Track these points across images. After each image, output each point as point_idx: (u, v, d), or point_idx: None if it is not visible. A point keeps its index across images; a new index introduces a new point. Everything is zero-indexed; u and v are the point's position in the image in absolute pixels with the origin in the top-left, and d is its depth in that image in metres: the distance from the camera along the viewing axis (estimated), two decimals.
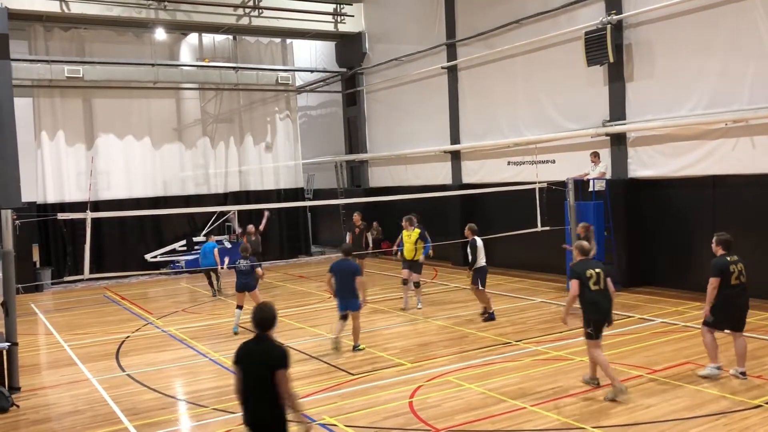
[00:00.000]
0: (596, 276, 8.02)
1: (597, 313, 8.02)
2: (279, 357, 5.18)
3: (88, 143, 21.42)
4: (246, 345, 5.34)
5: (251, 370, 5.19)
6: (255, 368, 5.17)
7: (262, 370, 5.12)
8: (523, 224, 14.84)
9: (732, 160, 13.15)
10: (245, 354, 5.28)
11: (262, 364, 5.15)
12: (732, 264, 8.39)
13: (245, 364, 5.23)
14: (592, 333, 8.05)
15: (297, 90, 25.84)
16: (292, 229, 24.95)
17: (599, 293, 8.02)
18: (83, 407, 8.65)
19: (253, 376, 5.17)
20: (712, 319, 8.45)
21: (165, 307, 15.78)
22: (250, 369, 5.20)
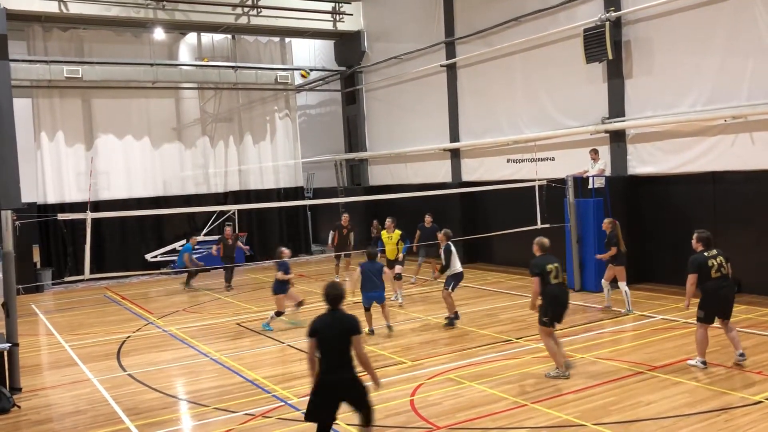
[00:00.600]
0: (555, 270, 8.71)
1: (556, 305, 8.71)
2: (355, 324, 6.05)
3: (87, 143, 21.41)
4: (321, 318, 6.09)
5: (331, 338, 5.97)
6: (335, 336, 5.97)
7: (341, 337, 5.96)
8: (522, 222, 14.86)
9: (731, 156, 13.16)
10: (323, 325, 6.03)
11: (341, 331, 5.97)
12: (710, 258, 8.67)
13: (325, 334, 5.98)
14: (546, 322, 8.72)
15: (296, 89, 25.83)
16: (292, 228, 24.96)
17: (558, 286, 8.73)
18: (85, 407, 8.66)
19: (334, 343, 5.96)
20: (703, 314, 8.70)
21: (166, 306, 15.79)
22: (330, 337, 5.97)
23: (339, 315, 6.09)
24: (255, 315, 14.18)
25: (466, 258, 19.21)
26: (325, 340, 5.97)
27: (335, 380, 5.96)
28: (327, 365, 5.95)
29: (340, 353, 5.96)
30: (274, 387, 9.00)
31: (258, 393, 8.82)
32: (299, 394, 8.63)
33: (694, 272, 8.63)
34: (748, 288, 13.16)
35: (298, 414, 7.90)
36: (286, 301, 12.58)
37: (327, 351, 5.97)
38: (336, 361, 5.95)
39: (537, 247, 8.99)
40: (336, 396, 5.99)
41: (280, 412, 8.02)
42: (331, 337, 5.97)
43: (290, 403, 8.30)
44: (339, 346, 5.97)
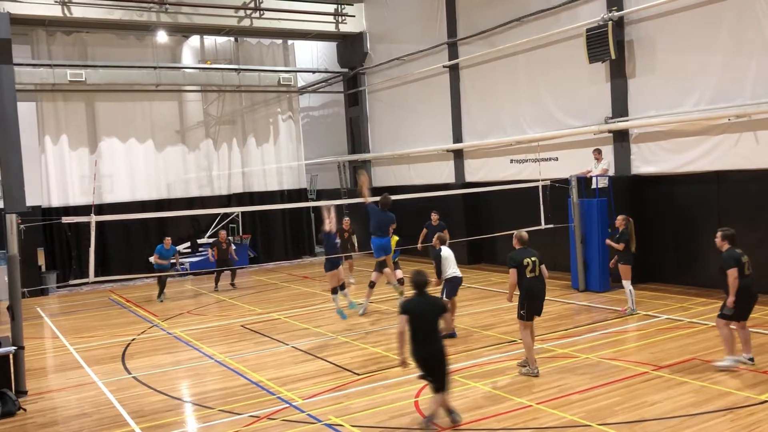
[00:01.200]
0: (532, 264, 8.86)
1: (531, 298, 8.88)
2: (442, 305, 7.55)
3: (91, 147, 21.47)
4: (412, 300, 7.28)
5: (423, 317, 7.10)
6: (426, 315, 7.12)
7: (432, 316, 7.14)
8: (526, 222, 14.79)
9: (735, 155, 13.13)
10: (415, 306, 7.18)
11: (431, 311, 7.17)
12: (743, 256, 8.59)
13: (417, 313, 7.09)
14: (523, 315, 8.94)
15: (299, 91, 25.86)
16: (295, 229, 25.00)
17: (534, 280, 8.86)
18: (90, 410, 8.68)
19: (426, 321, 7.10)
20: (732, 311, 8.53)
21: (170, 309, 15.81)
22: (422, 316, 7.09)
23: (427, 297, 7.29)
24: (259, 317, 14.19)
25: (470, 259, 19.23)
26: (419, 319, 7.06)
27: (428, 353, 7.08)
28: (420, 341, 7.07)
29: (431, 329, 7.11)
30: (279, 389, 9.00)
31: (263, 395, 8.83)
32: (304, 395, 8.64)
33: (735, 266, 8.42)
34: None
35: (303, 416, 7.92)
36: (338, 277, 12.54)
37: (419, 328, 7.07)
38: (428, 335, 7.09)
39: (516, 241, 9.16)
40: (429, 363, 7.10)
41: (284, 414, 8.02)
42: (424, 316, 7.08)
43: (295, 405, 8.30)
44: (431, 323, 7.12)
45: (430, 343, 7.11)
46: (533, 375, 8.85)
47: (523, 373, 8.95)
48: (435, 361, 7.11)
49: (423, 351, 7.08)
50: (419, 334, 7.09)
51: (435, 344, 7.14)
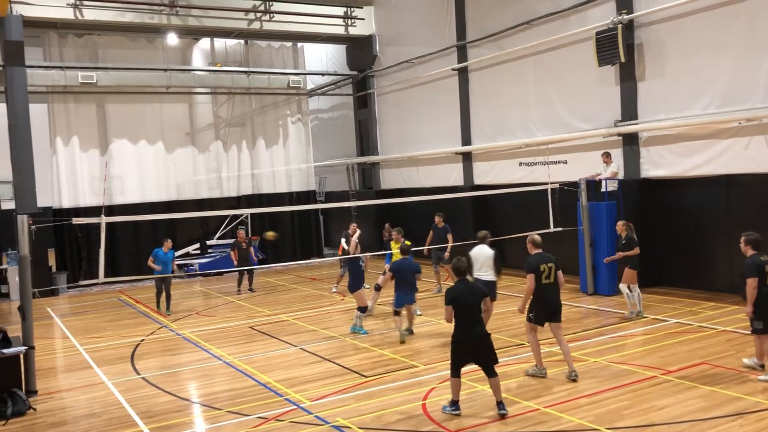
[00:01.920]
0: (548, 270, 8.81)
1: (543, 303, 8.86)
2: (483, 290, 7.97)
3: (102, 148, 21.60)
4: (456, 287, 7.74)
5: (468, 301, 7.60)
6: (470, 299, 7.62)
7: (475, 300, 7.63)
8: (535, 225, 14.78)
9: (745, 159, 13.05)
10: (459, 292, 7.67)
11: (475, 295, 7.67)
12: (766, 264, 8.36)
13: (462, 299, 7.60)
14: (532, 318, 8.97)
15: (308, 93, 25.93)
16: (304, 231, 25.04)
17: (549, 286, 8.82)
18: (99, 410, 8.73)
19: (470, 305, 7.59)
20: (763, 325, 8.32)
21: (179, 310, 15.87)
22: (467, 301, 7.60)
23: (469, 284, 7.89)
24: (268, 318, 14.23)
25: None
26: (464, 304, 7.57)
27: (474, 334, 7.58)
28: (466, 324, 7.57)
29: (475, 312, 7.60)
30: (287, 390, 9.03)
31: (271, 396, 8.85)
32: (312, 397, 8.66)
33: (755, 276, 8.24)
34: None
35: (311, 417, 7.94)
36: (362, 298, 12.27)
37: (465, 312, 7.57)
38: (473, 318, 7.57)
39: (531, 245, 9.11)
40: (473, 348, 7.59)
41: (292, 416, 8.04)
42: (469, 301, 7.59)
43: (303, 407, 8.32)
44: (475, 307, 7.60)
45: (474, 327, 7.60)
46: (541, 375, 8.91)
47: (529, 373, 9.04)
48: (482, 343, 7.60)
49: (469, 335, 7.57)
50: (464, 318, 7.58)
51: (479, 327, 7.64)
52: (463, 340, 7.61)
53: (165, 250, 15.39)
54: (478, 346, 7.60)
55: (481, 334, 7.62)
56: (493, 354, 7.68)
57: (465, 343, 7.60)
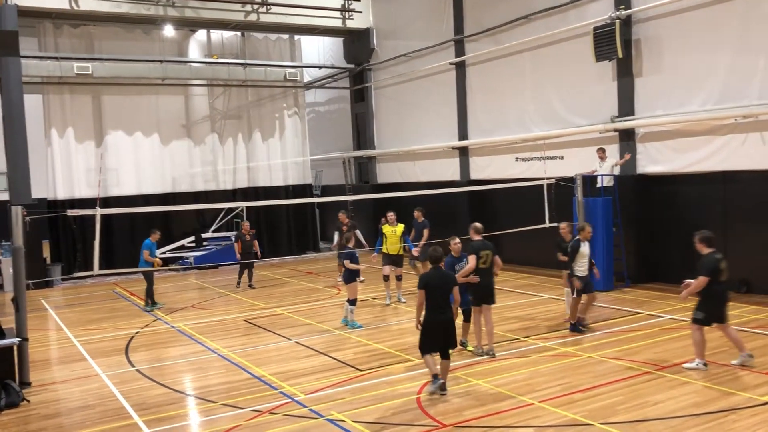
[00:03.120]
0: (486, 256, 9.82)
1: (479, 287, 9.79)
2: (454, 278, 8.59)
3: (97, 140, 21.52)
4: (429, 274, 8.34)
5: (438, 288, 8.16)
6: (441, 287, 8.18)
7: (445, 288, 8.22)
8: (531, 220, 14.80)
9: (742, 155, 13.08)
10: (432, 278, 8.24)
11: (445, 283, 8.25)
12: (721, 261, 8.67)
13: (433, 285, 8.15)
14: (471, 300, 9.90)
15: (305, 86, 25.86)
16: (300, 225, 25.00)
17: (484, 271, 9.79)
18: (93, 402, 8.71)
19: (441, 292, 8.17)
20: (703, 316, 8.69)
21: (174, 302, 15.85)
22: (437, 287, 8.15)
23: (441, 271, 8.36)
24: (263, 312, 14.22)
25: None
26: (435, 290, 8.12)
27: (443, 319, 8.13)
28: (436, 309, 8.11)
29: (445, 299, 8.17)
30: (282, 383, 9.02)
31: (265, 389, 8.85)
32: (306, 390, 8.66)
33: (708, 275, 8.55)
34: (758, 288, 13.11)
35: (305, 411, 7.93)
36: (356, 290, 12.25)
37: (436, 299, 8.12)
38: (443, 305, 8.15)
39: (473, 232, 10.11)
40: (440, 331, 8.13)
41: (287, 409, 8.04)
42: (439, 287, 8.14)
43: (297, 400, 8.32)
44: (445, 294, 8.18)
45: (443, 312, 8.14)
46: (478, 354, 9.78)
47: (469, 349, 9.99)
48: (449, 328, 8.20)
49: (438, 319, 8.12)
50: (435, 304, 8.12)
51: (447, 313, 8.20)
52: (433, 323, 8.14)
53: (153, 240, 15.08)
54: (446, 330, 8.19)
55: (449, 319, 8.21)
56: (454, 339, 8.38)
57: (435, 327, 8.14)
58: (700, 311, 8.70)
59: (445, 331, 8.20)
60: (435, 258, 8.41)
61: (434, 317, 8.15)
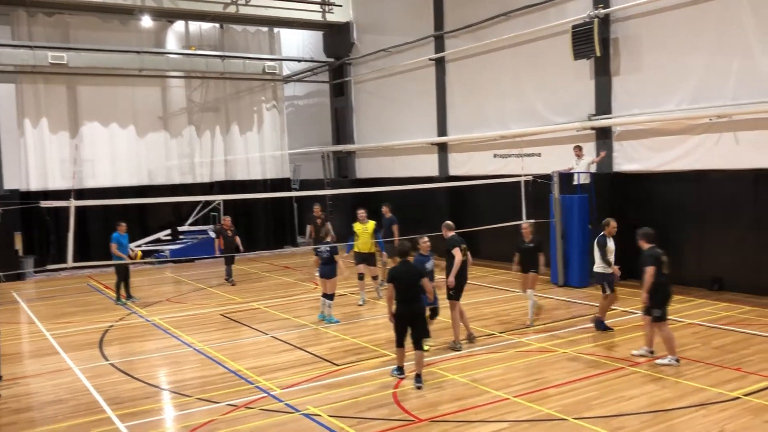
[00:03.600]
0: (464, 250, 10.07)
1: (461, 279, 10.06)
2: (421, 271, 8.71)
3: (72, 131, 21.21)
4: (397, 267, 8.55)
5: (406, 281, 8.35)
6: (408, 279, 8.36)
7: (413, 280, 8.37)
8: (508, 217, 14.90)
9: (715, 155, 13.27)
10: (399, 272, 8.47)
11: (412, 276, 8.40)
12: (662, 255, 9.01)
13: (400, 278, 8.38)
14: (453, 294, 10.09)
15: (284, 79, 25.72)
16: (278, 219, 24.91)
17: (465, 264, 10.08)
18: (65, 396, 8.61)
19: (408, 284, 8.35)
20: (661, 312, 8.92)
21: (149, 296, 15.70)
22: (404, 280, 8.35)
23: (408, 265, 8.57)
24: (239, 306, 14.15)
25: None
26: (403, 282, 8.34)
27: (410, 311, 8.38)
28: (403, 301, 8.35)
29: (413, 291, 8.38)
30: (258, 378, 8.99)
31: (241, 384, 8.81)
32: (282, 385, 8.63)
33: (654, 264, 8.86)
34: (730, 286, 13.32)
35: (281, 405, 7.91)
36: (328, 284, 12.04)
37: (403, 291, 8.34)
38: (410, 297, 8.35)
39: (446, 229, 10.36)
40: (411, 322, 8.39)
41: (262, 403, 8.01)
42: (407, 280, 8.34)
43: (273, 394, 8.29)
44: (412, 286, 8.36)
45: (413, 303, 8.40)
46: (457, 350, 9.89)
47: (449, 346, 10.02)
48: (419, 318, 8.47)
49: (408, 310, 8.38)
50: (402, 296, 8.36)
51: (417, 304, 8.47)
52: (404, 314, 8.41)
53: (122, 233, 14.77)
54: (415, 321, 8.44)
55: (418, 311, 8.49)
56: (425, 329, 8.63)
57: (405, 318, 8.42)
58: (656, 308, 8.92)
59: (414, 322, 8.42)
60: (402, 252, 8.68)
61: (404, 309, 8.39)
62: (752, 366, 8.68)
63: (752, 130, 12.60)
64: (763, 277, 12.73)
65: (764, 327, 10.55)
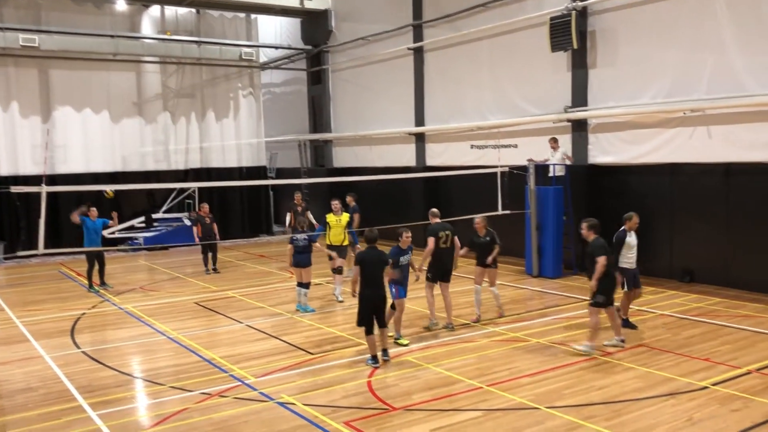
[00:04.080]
0: (446, 237, 10.30)
1: (440, 265, 10.39)
2: (386, 257, 8.99)
3: (44, 115, 20.84)
4: (365, 252, 8.91)
5: (372, 266, 8.75)
6: (374, 264, 8.77)
7: (379, 265, 8.79)
8: (484, 207, 14.94)
9: (689, 148, 13.44)
10: (367, 256, 8.82)
11: (378, 262, 8.81)
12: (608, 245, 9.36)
13: (368, 263, 8.74)
14: (430, 277, 10.48)
15: (261, 66, 25.50)
16: (253, 207, 24.77)
17: (445, 251, 10.34)
18: (36, 384, 8.50)
19: (374, 269, 8.74)
20: (604, 299, 9.14)
21: (123, 284, 15.54)
22: (371, 265, 8.74)
23: (375, 251, 8.89)
24: (214, 294, 14.06)
25: None
26: (369, 267, 8.71)
27: (374, 296, 8.74)
28: (368, 285, 8.71)
29: (378, 277, 8.76)
30: (232, 366, 8.95)
31: (215, 372, 8.77)
32: (257, 374, 8.61)
33: (605, 254, 9.05)
34: (701, 278, 13.54)
35: (255, 394, 7.90)
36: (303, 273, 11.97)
37: (369, 276, 8.71)
38: (375, 282, 8.73)
39: (431, 216, 10.68)
40: (373, 305, 8.74)
41: (236, 392, 7.99)
42: (373, 265, 8.73)
43: (247, 383, 8.27)
44: (377, 271, 8.75)
45: (377, 288, 8.76)
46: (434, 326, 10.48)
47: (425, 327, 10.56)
48: (382, 302, 8.84)
49: (373, 294, 8.73)
50: (368, 280, 8.71)
51: (381, 289, 8.80)
52: (369, 298, 8.73)
53: (93, 218, 14.51)
54: (379, 305, 8.82)
55: (382, 295, 8.84)
56: (383, 315, 8.96)
57: (370, 301, 8.73)
58: (601, 294, 9.12)
59: (376, 307, 8.79)
60: (371, 239, 8.98)
61: (368, 293, 8.73)
62: (721, 356, 8.85)
63: (725, 124, 12.78)
64: (733, 270, 12.96)
65: (733, 318, 10.76)
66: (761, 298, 12.01)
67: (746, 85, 12.33)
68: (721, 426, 6.64)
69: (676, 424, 6.69)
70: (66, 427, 7.06)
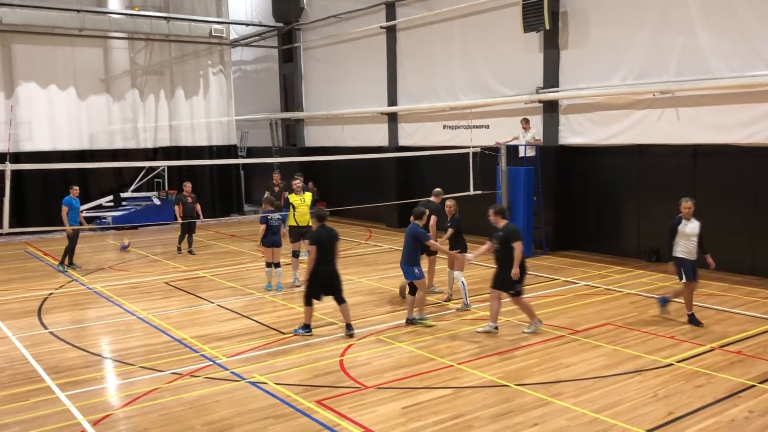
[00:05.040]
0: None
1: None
2: (337, 235, 9.26)
3: (7, 91, 20.32)
4: (319, 231, 9.16)
5: (327, 244, 9.03)
6: (329, 242, 9.07)
7: (333, 243, 9.12)
8: (457, 188, 15.02)
9: (657, 130, 13.62)
10: (322, 235, 9.09)
11: (333, 237, 9.15)
12: None
13: (324, 242, 9.01)
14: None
15: (231, 44, 25.12)
16: (224, 187, 24.54)
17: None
18: (2, 365, 8.37)
19: (329, 247, 9.05)
20: (521, 287, 9.12)
21: (91, 263, 15.33)
22: (326, 243, 9.02)
23: (328, 229, 9.20)
24: (184, 274, 13.95)
25: (400, 222, 19.38)
26: (325, 245, 8.98)
27: (328, 272, 9.05)
28: (323, 263, 8.97)
29: (333, 254, 9.09)
30: (203, 346, 8.92)
31: (186, 352, 8.73)
32: (228, 353, 8.59)
33: (521, 240, 9.02)
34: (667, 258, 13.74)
35: (226, 374, 7.88)
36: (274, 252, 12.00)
37: (325, 253, 8.96)
38: (330, 259, 9.04)
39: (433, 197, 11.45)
40: (327, 281, 9.05)
41: (207, 372, 7.96)
42: (328, 243, 9.03)
43: (219, 363, 8.25)
44: (332, 249, 9.08)
45: (330, 265, 9.06)
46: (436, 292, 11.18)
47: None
48: (335, 279, 9.14)
49: (325, 271, 9.01)
50: (323, 258, 8.97)
51: (333, 266, 9.12)
52: (321, 274, 9.00)
53: (74, 196, 14.34)
54: (331, 282, 9.11)
55: (334, 272, 9.14)
56: (339, 288, 9.19)
57: (321, 277, 9.01)
58: (520, 283, 9.05)
59: (330, 280, 9.10)
60: (321, 216, 9.29)
61: (322, 269, 8.98)
62: (685, 335, 9.06)
63: (693, 106, 12.96)
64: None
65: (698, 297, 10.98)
66: (725, 277, 12.29)
67: (714, 68, 12.50)
68: (685, 401, 6.81)
69: (641, 400, 6.84)
70: (33, 408, 6.97)
